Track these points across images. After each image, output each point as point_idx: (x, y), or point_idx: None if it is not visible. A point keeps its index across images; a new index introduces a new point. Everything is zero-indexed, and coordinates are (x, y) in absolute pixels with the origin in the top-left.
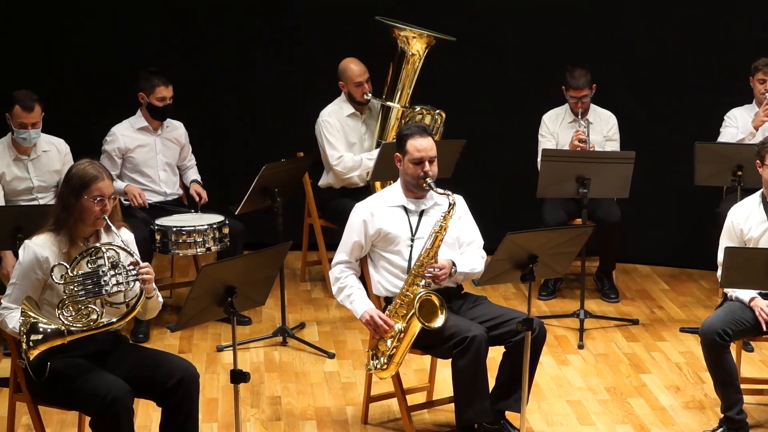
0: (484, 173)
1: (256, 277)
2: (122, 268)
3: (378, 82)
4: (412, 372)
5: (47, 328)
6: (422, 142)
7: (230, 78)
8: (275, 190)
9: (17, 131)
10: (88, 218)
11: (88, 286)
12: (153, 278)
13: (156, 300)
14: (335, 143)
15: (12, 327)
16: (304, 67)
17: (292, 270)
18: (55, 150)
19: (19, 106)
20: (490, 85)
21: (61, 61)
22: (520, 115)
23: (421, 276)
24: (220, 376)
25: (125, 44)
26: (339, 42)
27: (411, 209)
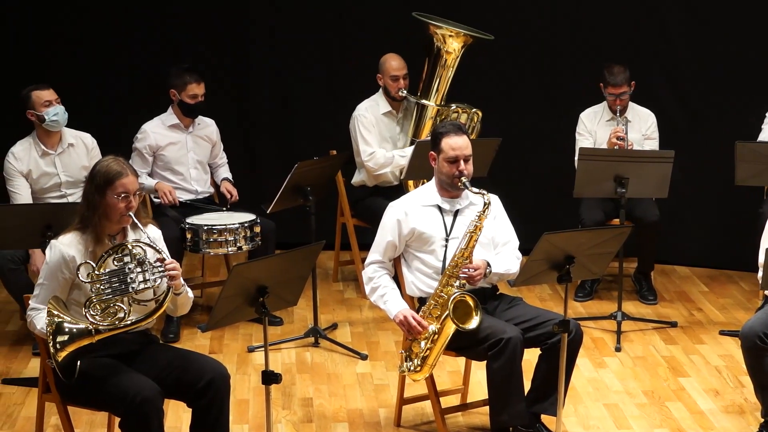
0: (521, 172)
1: (288, 277)
2: (149, 265)
3: (413, 80)
4: (446, 374)
5: (74, 328)
6: (457, 141)
7: (263, 75)
8: (308, 188)
9: (47, 113)
10: (114, 215)
11: (114, 285)
12: (180, 274)
13: (186, 296)
14: (369, 139)
15: (40, 328)
16: (339, 64)
17: (324, 270)
18: (81, 144)
19: (36, 90)
20: (526, 83)
21: (90, 59)
22: (557, 113)
23: (456, 276)
24: (251, 377)
25: (156, 40)
26: (375, 39)
27: (446, 209)
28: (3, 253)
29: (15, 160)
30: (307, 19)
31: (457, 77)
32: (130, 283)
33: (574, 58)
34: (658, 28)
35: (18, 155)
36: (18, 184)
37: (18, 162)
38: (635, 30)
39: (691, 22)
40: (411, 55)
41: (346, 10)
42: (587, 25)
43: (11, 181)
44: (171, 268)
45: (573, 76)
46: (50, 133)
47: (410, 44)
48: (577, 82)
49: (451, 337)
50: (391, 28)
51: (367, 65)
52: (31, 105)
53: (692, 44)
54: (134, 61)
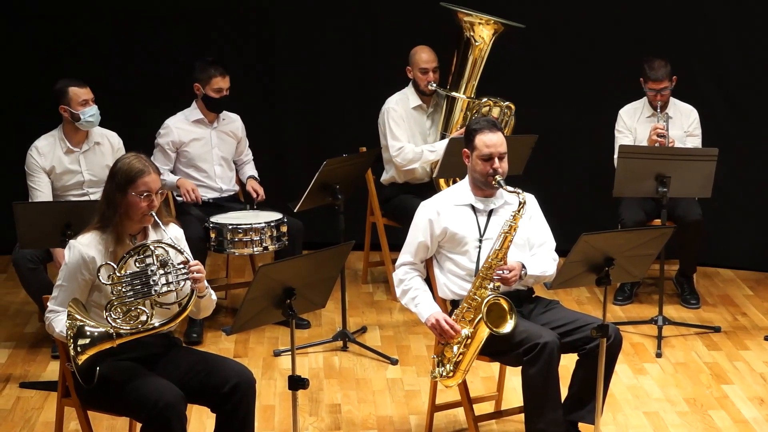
0: (557, 170)
1: (316, 278)
2: (172, 266)
3: (444, 74)
4: (479, 380)
5: (95, 331)
6: (492, 138)
7: (290, 69)
8: (336, 186)
9: (83, 113)
10: (135, 215)
11: (136, 287)
12: (204, 276)
13: (209, 298)
14: (398, 133)
15: (59, 331)
16: (368, 58)
17: (353, 271)
18: (107, 143)
19: (74, 87)
20: (563, 77)
21: (110, 52)
22: (596, 109)
23: (489, 279)
24: (277, 382)
25: (179, 32)
26: (404, 31)
27: (479, 208)
28: (22, 253)
29: (38, 155)
30: (334, 11)
31: (489, 69)
32: (153, 286)
33: (613, 51)
34: (701, 20)
35: (42, 150)
36: (39, 180)
37: (41, 157)
38: (677, 22)
39: (736, 13)
40: (444, 48)
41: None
42: (627, 16)
43: (32, 176)
44: (195, 270)
45: (612, 70)
46: (78, 131)
47: (443, 37)
48: (617, 76)
49: (484, 341)
50: (422, 19)
51: (397, 58)
52: (67, 101)
53: (737, 36)
54: (155, 54)
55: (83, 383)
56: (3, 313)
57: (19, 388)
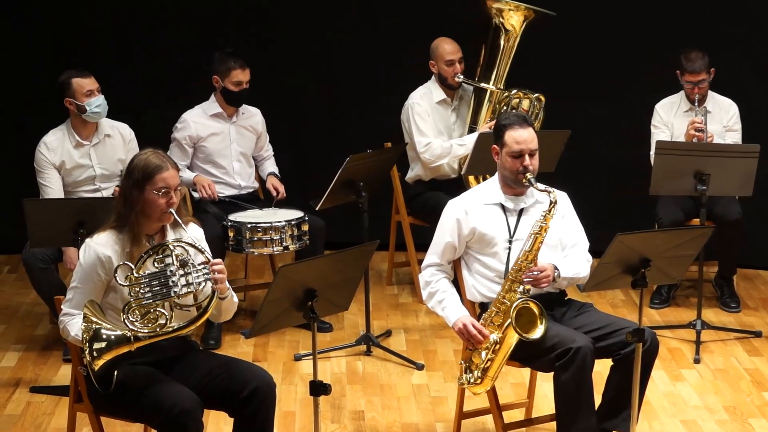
0: (591, 167)
1: (338, 280)
2: (192, 266)
3: (471, 65)
4: (509, 386)
5: (111, 334)
6: (522, 134)
7: (311, 60)
8: (360, 183)
9: (89, 104)
10: (153, 213)
11: (155, 288)
12: (226, 277)
13: (230, 300)
14: (424, 128)
15: (74, 334)
16: (391, 49)
17: (377, 272)
18: (118, 135)
19: (77, 78)
20: (597, 69)
21: (122, 42)
22: (631, 103)
23: (519, 282)
24: (297, 387)
25: (195, 23)
26: (429, 21)
27: (509, 207)
28: (33, 252)
29: (47, 150)
30: (356, 1)
31: (519, 59)
32: (172, 287)
33: (649, 42)
34: (741, 9)
35: (50, 145)
36: (49, 177)
37: (50, 153)
38: (716, 12)
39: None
40: (464, 35)
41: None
42: (663, 4)
43: (42, 173)
44: (217, 270)
45: (648, 62)
46: (86, 123)
47: (465, 23)
48: (653, 68)
49: (514, 346)
50: (443, 6)
51: (421, 49)
52: (71, 93)
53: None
54: (171, 45)
55: (100, 389)
56: (13, 315)
57: (29, 392)
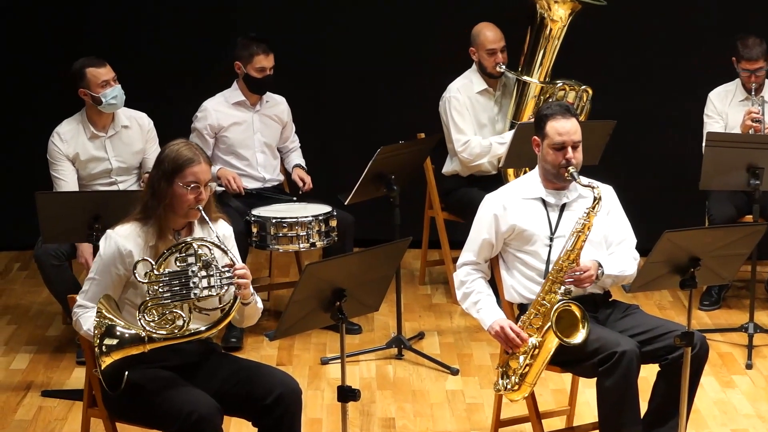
0: (638, 160)
1: (368, 279)
2: (215, 268)
3: (512, 53)
4: (549, 392)
5: (125, 333)
6: (565, 124)
7: (339, 44)
8: (391, 176)
9: (104, 95)
10: (181, 207)
11: (174, 288)
12: (249, 283)
13: (254, 306)
14: (462, 125)
15: (87, 328)
16: (428, 34)
17: (410, 271)
18: (136, 126)
19: (92, 67)
20: (645, 57)
21: (137, 27)
22: (682, 92)
23: (560, 282)
24: (324, 392)
25: (217, 7)
26: (469, 6)
27: (550, 202)
28: (45, 248)
29: (61, 141)
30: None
31: (564, 50)
32: (193, 288)
33: (702, 28)
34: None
35: (64, 136)
36: (63, 169)
37: (64, 144)
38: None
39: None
40: (508, 22)
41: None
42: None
43: (55, 165)
44: (241, 276)
45: (701, 49)
46: (102, 114)
47: (507, 11)
48: (706, 55)
49: (554, 351)
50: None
51: (460, 34)
52: (86, 84)
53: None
54: (189, 30)
55: (107, 389)
56: (24, 315)
57: (41, 396)
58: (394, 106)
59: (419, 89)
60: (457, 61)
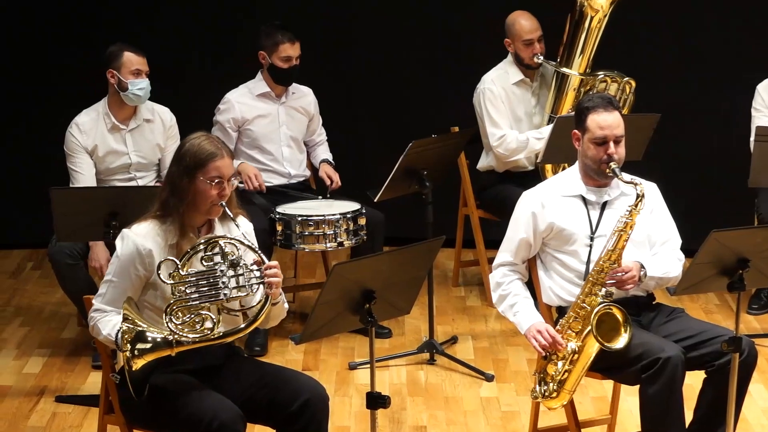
0: (684, 156)
1: (399, 280)
2: (244, 267)
3: (553, 44)
4: (589, 400)
5: (157, 337)
6: (606, 118)
7: (369, 34)
8: (424, 172)
9: (132, 83)
10: (203, 204)
11: (202, 289)
12: (281, 282)
13: (281, 306)
14: (498, 118)
15: (106, 333)
16: (461, 23)
17: (442, 271)
18: (158, 120)
19: (130, 52)
20: (691, 47)
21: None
22: (729, 84)
23: (601, 284)
24: (352, 399)
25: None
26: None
27: (591, 200)
28: (60, 246)
29: (79, 132)
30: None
31: (606, 40)
32: (222, 289)
33: (750, 17)
34: None
35: (83, 127)
36: (81, 162)
37: (83, 135)
38: None
39: None
40: (544, 10)
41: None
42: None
43: (73, 157)
44: (272, 275)
45: (748, 38)
46: (124, 105)
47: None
48: (754, 45)
49: (594, 356)
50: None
51: (495, 23)
52: (118, 66)
53: None
54: (211, 18)
55: (134, 394)
56: (37, 316)
57: (54, 402)
58: (427, 97)
59: (453, 80)
60: (493, 50)
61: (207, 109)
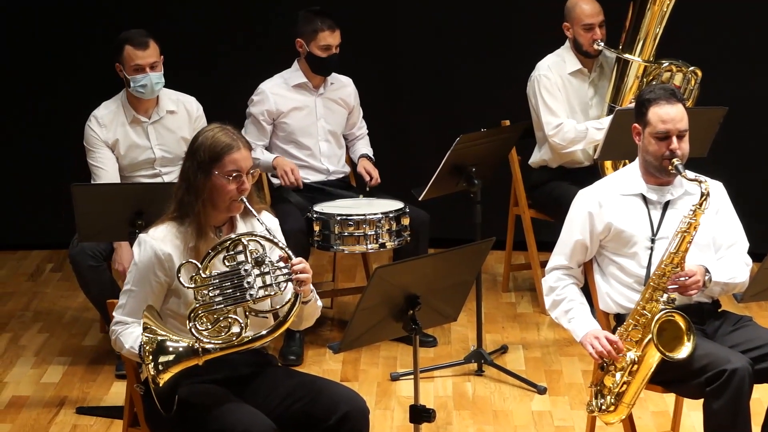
0: (751, 152)
1: (445, 284)
2: (270, 264)
3: (614, 30)
4: (649, 415)
5: (179, 346)
6: (669, 111)
7: (413, 20)
8: (472, 169)
9: (133, 80)
10: (222, 201)
11: (227, 291)
12: (310, 277)
13: (314, 304)
14: (554, 106)
15: (129, 347)
16: (514, 7)
17: (491, 276)
18: (183, 111)
19: (129, 45)
20: (761, 36)
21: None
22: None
23: (663, 289)
24: (394, 412)
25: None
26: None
27: (652, 200)
28: (81, 247)
29: (98, 126)
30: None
31: (671, 27)
32: (248, 290)
33: None
34: None
35: (102, 120)
36: (102, 157)
37: (102, 129)
38: None
39: None
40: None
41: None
42: None
43: (93, 152)
44: (300, 270)
45: None
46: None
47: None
48: None
49: (655, 368)
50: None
51: (550, 7)
52: (122, 60)
53: None
54: (244, 0)
55: (162, 410)
56: (57, 322)
57: (75, 414)
58: (476, 88)
59: (504, 70)
60: (548, 38)
61: (239, 100)
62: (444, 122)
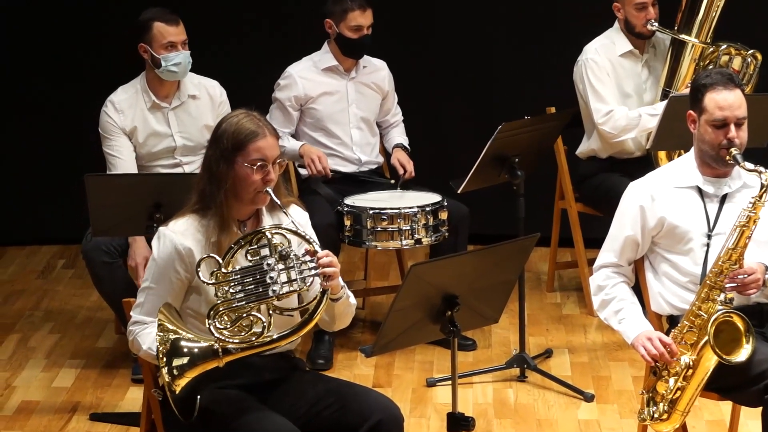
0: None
1: (486, 284)
2: (295, 259)
3: (667, 10)
4: (704, 424)
5: (194, 347)
6: (727, 97)
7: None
8: (515, 160)
9: (165, 59)
10: (246, 192)
11: (248, 287)
12: (338, 271)
13: (346, 302)
14: (603, 92)
15: (147, 348)
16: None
17: (535, 274)
18: (206, 96)
19: (159, 21)
20: None
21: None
22: None
23: (720, 288)
24: (430, 421)
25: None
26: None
27: (708, 192)
28: (95, 242)
29: (115, 112)
30: None
31: (730, 7)
32: (270, 285)
33: None
34: None
35: (119, 106)
36: (118, 145)
37: (119, 115)
38: None
39: None
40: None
41: None
42: None
43: (109, 140)
44: (326, 264)
45: None
46: (164, 80)
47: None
48: None
49: (712, 372)
50: None
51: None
52: (149, 39)
53: None
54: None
55: (181, 417)
56: (69, 322)
57: (89, 420)
58: (519, 73)
59: (550, 53)
60: (597, 18)
61: (265, 84)
62: (484, 109)
